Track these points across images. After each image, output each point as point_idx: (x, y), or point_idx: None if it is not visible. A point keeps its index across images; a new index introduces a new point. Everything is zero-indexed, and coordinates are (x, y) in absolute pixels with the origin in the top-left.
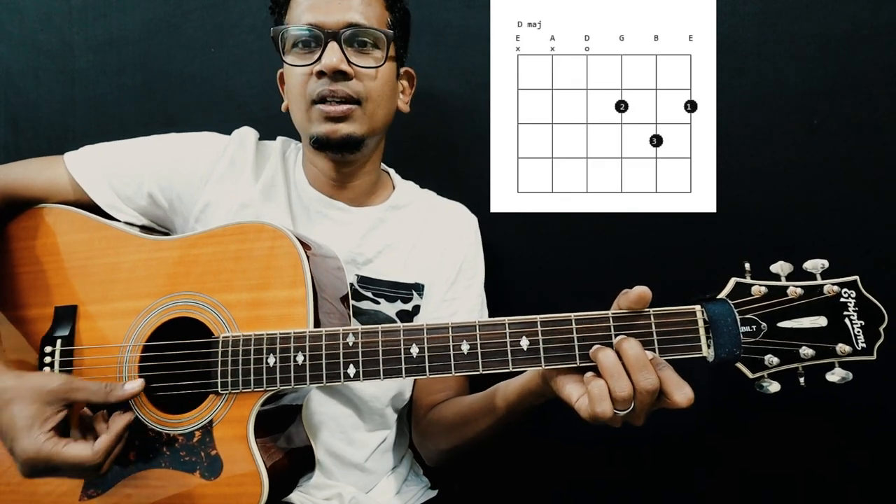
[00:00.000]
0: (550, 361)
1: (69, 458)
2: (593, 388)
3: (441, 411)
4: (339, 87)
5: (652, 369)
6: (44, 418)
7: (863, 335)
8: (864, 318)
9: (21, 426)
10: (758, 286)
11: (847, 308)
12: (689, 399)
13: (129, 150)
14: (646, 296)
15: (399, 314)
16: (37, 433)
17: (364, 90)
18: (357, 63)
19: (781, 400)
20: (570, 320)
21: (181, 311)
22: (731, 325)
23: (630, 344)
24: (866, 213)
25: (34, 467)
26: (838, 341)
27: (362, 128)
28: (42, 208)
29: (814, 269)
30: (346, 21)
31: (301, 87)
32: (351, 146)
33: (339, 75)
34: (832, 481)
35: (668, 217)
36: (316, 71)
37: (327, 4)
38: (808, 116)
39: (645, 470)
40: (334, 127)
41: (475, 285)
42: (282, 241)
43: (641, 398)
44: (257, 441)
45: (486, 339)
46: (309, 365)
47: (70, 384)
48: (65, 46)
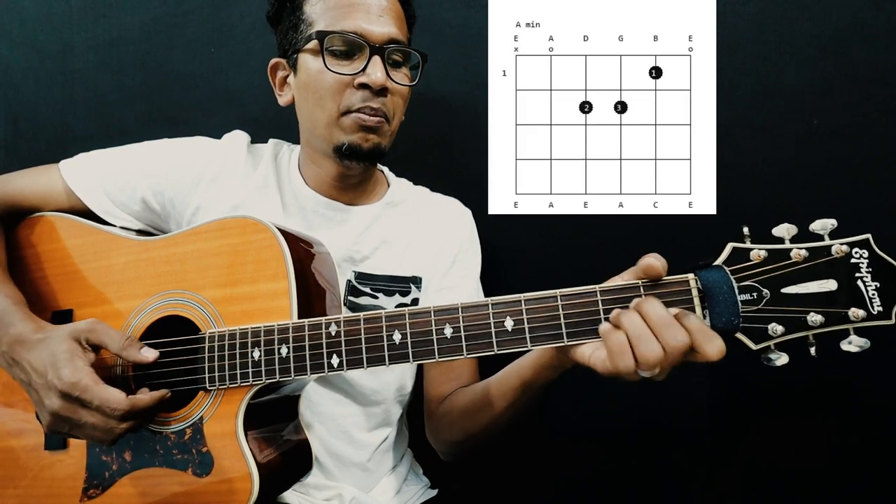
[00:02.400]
0: (537, 341)
1: (104, 396)
2: (613, 342)
3: (453, 401)
4: (378, 102)
5: (679, 326)
6: (81, 352)
7: (878, 297)
8: (879, 279)
9: (63, 358)
10: (757, 250)
11: (859, 269)
12: (722, 350)
13: (122, 157)
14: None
15: (398, 308)
16: (80, 362)
17: (393, 107)
18: (395, 80)
19: (782, 400)
20: (555, 297)
21: (170, 310)
22: (727, 292)
23: (651, 303)
24: (866, 213)
25: (66, 401)
26: (851, 305)
27: (385, 140)
28: (36, 217)
29: (822, 229)
30: (388, 35)
31: (335, 95)
32: (376, 157)
33: (382, 91)
34: (833, 481)
35: (667, 219)
36: (358, 83)
37: (371, 15)
38: (808, 116)
39: (645, 469)
40: (367, 136)
41: (471, 275)
42: (264, 234)
43: (672, 357)
44: (249, 437)
45: (469, 321)
46: (293, 357)
47: (96, 324)
48: (65, 46)
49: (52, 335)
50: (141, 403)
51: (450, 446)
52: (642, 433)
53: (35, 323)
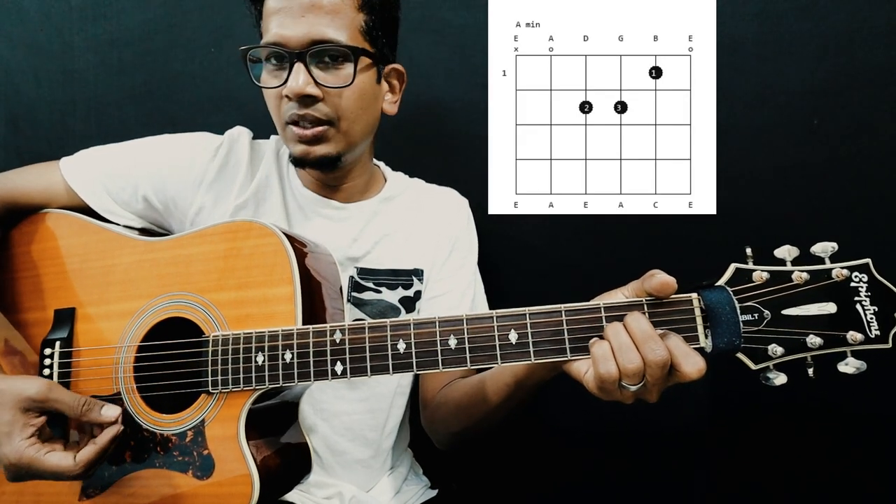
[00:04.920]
0: (540, 355)
1: (49, 466)
2: (597, 349)
3: (448, 393)
4: (308, 110)
5: (660, 341)
6: (22, 424)
7: (876, 321)
8: (877, 304)
9: (3, 432)
10: (759, 272)
11: (858, 293)
12: (700, 369)
13: (123, 154)
14: (669, 286)
15: (402, 300)
16: (17, 439)
17: (335, 111)
18: (326, 83)
19: (782, 401)
20: (559, 312)
21: (174, 312)
22: (729, 313)
23: (635, 317)
24: (867, 213)
25: (17, 472)
26: (849, 329)
27: (338, 146)
28: (41, 213)
29: (822, 252)
30: (311, 38)
31: (276, 108)
32: (327, 165)
33: (307, 99)
34: (835, 483)
35: (667, 219)
36: (283, 94)
37: (292, 18)
38: (808, 116)
39: (644, 468)
40: (308, 149)
41: (468, 264)
42: (270, 239)
43: (652, 372)
44: (250, 440)
45: (474, 332)
46: (297, 363)
47: (48, 393)
48: (65, 46)
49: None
50: (92, 455)
51: (444, 436)
52: (642, 433)
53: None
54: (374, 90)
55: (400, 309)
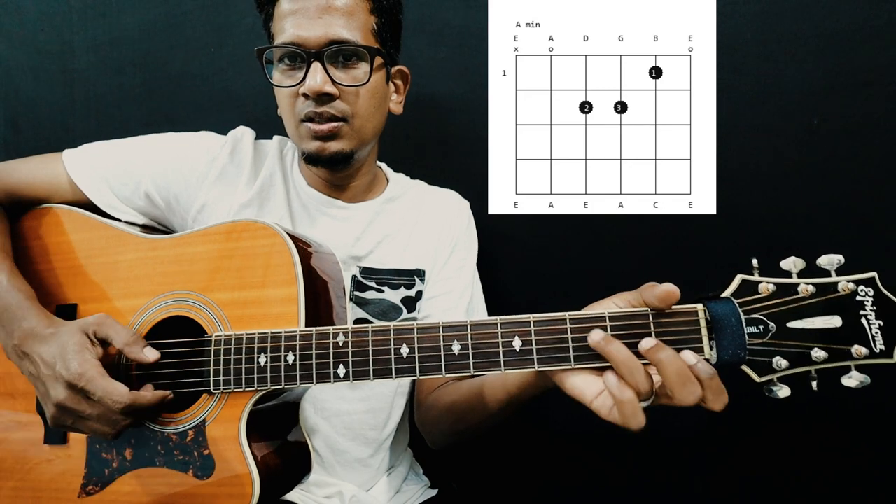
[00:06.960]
0: (544, 363)
1: (107, 388)
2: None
3: (440, 396)
4: (324, 108)
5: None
6: (90, 345)
7: (881, 336)
8: (883, 318)
9: (72, 350)
10: (765, 283)
11: (864, 307)
12: (725, 404)
13: (126, 150)
14: (674, 295)
15: (404, 301)
16: (88, 355)
17: (350, 108)
18: (342, 82)
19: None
20: (564, 320)
21: (176, 310)
22: (735, 325)
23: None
24: (867, 213)
25: (73, 388)
26: (854, 343)
27: (351, 143)
28: (43, 208)
29: (829, 265)
30: (328, 37)
31: (290, 107)
32: (341, 162)
33: (324, 97)
34: (835, 487)
35: (667, 219)
36: (301, 92)
37: (308, 20)
38: (808, 116)
39: (644, 468)
40: (323, 145)
41: (468, 265)
42: (274, 240)
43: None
44: (251, 441)
45: (478, 339)
46: (299, 365)
47: (105, 318)
48: (65, 46)
49: (62, 329)
50: (143, 400)
51: (435, 435)
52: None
53: (47, 318)
54: (385, 90)
55: (402, 309)
